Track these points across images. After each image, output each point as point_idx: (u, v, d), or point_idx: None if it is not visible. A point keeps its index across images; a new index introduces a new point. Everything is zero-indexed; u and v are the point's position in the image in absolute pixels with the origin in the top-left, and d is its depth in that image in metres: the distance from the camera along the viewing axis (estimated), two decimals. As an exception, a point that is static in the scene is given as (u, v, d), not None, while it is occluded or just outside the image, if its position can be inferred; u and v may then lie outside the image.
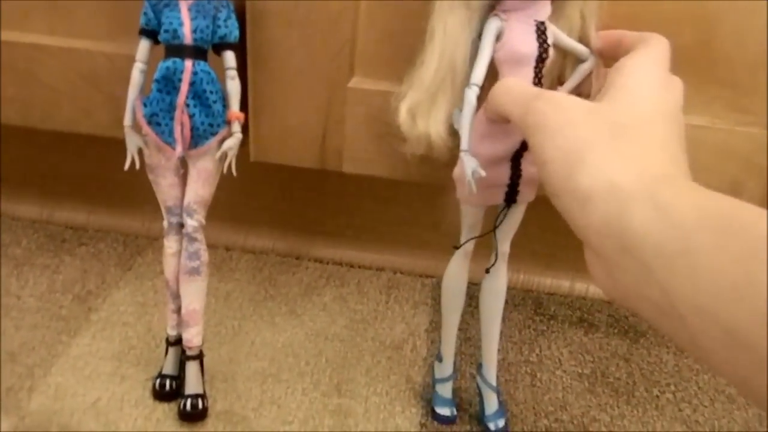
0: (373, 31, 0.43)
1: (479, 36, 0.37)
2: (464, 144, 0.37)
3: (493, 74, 0.38)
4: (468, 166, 0.37)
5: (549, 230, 0.58)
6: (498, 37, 0.36)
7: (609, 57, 0.38)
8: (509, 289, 0.57)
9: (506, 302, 0.57)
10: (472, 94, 0.37)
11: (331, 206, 0.61)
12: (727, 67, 0.42)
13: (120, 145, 0.41)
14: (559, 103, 0.29)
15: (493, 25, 0.36)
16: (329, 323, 0.53)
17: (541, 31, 0.36)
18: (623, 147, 0.27)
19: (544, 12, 0.37)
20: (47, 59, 0.47)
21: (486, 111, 0.36)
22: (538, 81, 0.37)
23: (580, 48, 0.38)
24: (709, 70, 0.42)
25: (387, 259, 0.61)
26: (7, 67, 0.48)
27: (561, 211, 0.28)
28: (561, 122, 0.28)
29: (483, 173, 0.36)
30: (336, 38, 0.43)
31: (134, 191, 0.45)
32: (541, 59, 0.37)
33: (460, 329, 0.46)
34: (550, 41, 0.37)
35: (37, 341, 0.49)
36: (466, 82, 0.37)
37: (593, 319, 0.57)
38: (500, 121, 0.35)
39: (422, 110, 0.39)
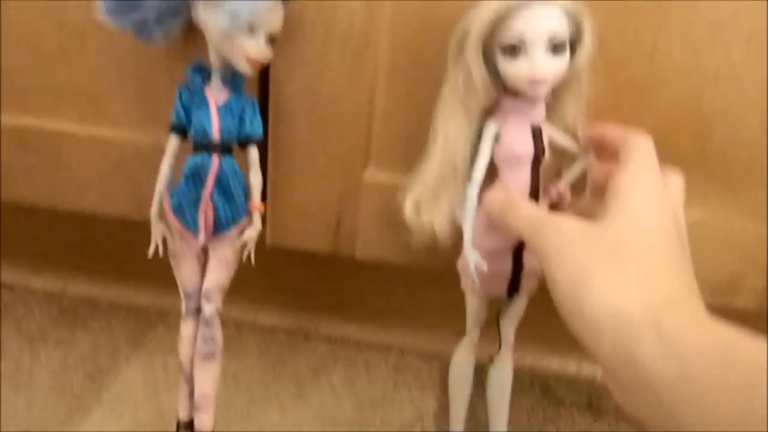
0: (388, 126, 0.45)
1: (479, 136, 0.40)
2: (467, 238, 0.39)
3: (492, 170, 0.40)
4: (471, 259, 0.39)
5: (554, 311, 0.59)
6: (496, 138, 0.39)
7: (595, 150, 0.41)
8: (516, 371, 0.58)
9: (513, 385, 0.58)
10: (472, 191, 0.39)
11: (339, 285, 0.62)
12: (724, 164, 0.44)
13: (135, 223, 0.43)
14: (562, 228, 0.31)
15: (491, 128, 0.39)
16: (337, 406, 0.54)
17: (537, 133, 0.39)
18: (626, 269, 0.28)
19: (539, 114, 0.39)
20: (76, 146, 0.50)
21: (489, 215, 0.38)
22: (535, 180, 0.39)
23: (575, 147, 0.41)
24: (707, 167, 0.45)
25: (395, 339, 0.62)
26: (36, 152, 0.50)
27: (573, 333, 0.29)
28: (564, 246, 0.30)
29: (485, 267, 0.38)
30: (352, 133, 0.45)
31: (145, 265, 0.46)
32: (537, 159, 0.39)
33: (469, 412, 0.46)
34: (545, 142, 0.39)
35: (49, 420, 0.50)
36: (467, 179, 0.40)
37: (601, 404, 0.57)
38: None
39: (426, 205, 0.41)
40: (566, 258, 0.29)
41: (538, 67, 0.35)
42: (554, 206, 0.42)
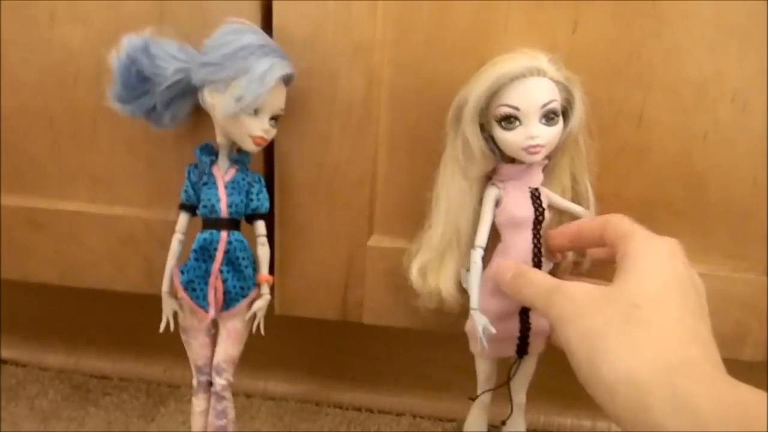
0: (390, 194, 0.47)
1: (480, 201, 0.41)
2: (473, 302, 0.40)
3: (495, 233, 0.41)
4: (479, 323, 0.39)
5: (567, 369, 0.59)
6: (497, 204, 0.40)
7: (574, 250, 0.41)
8: (530, 430, 0.57)
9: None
10: (477, 255, 0.40)
11: (349, 350, 0.62)
12: (720, 217, 0.45)
13: (143, 297, 0.44)
14: (574, 295, 0.31)
15: (491, 194, 0.40)
16: (351, 474, 0.53)
17: (535, 196, 0.40)
18: (637, 331, 0.28)
19: (537, 179, 0.40)
20: (88, 225, 0.51)
21: (498, 285, 0.39)
22: (537, 241, 0.40)
23: (575, 207, 0.42)
24: (703, 221, 0.46)
25: (406, 402, 0.61)
26: (49, 232, 0.52)
27: (593, 397, 0.29)
28: (577, 312, 0.30)
29: (493, 330, 0.39)
30: (356, 201, 0.46)
31: (154, 339, 0.47)
32: (537, 222, 0.40)
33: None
34: (545, 205, 0.40)
35: (61, 501, 0.49)
36: (471, 242, 0.41)
37: (617, 462, 0.56)
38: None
39: (432, 269, 0.42)
40: (580, 324, 0.29)
41: (533, 136, 0.37)
42: (557, 266, 0.43)
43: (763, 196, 0.44)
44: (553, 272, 0.43)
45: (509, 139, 0.38)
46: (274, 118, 0.41)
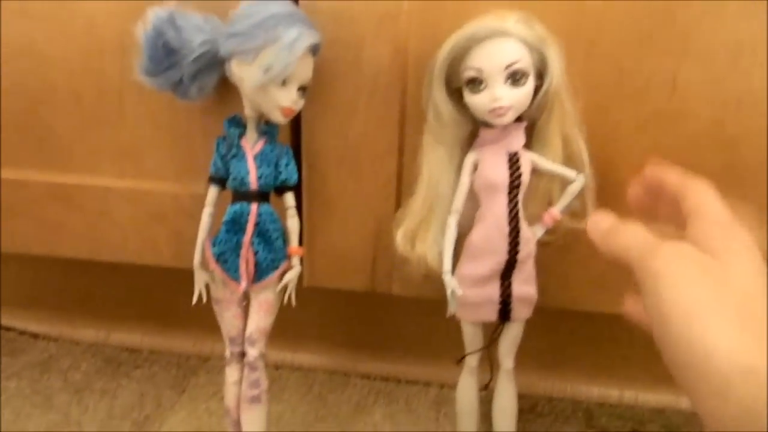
0: (417, 165, 0.46)
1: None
2: (445, 266, 0.41)
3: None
4: (448, 286, 0.40)
5: (592, 339, 0.59)
6: (475, 168, 0.40)
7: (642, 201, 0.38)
8: (557, 401, 0.57)
9: (556, 416, 0.57)
10: (452, 220, 0.41)
11: (377, 321, 0.63)
12: (756, 186, 0.45)
13: (172, 270, 0.44)
14: (683, 254, 0.28)
15: (469, 159, 0.41)
16: (381, 443, 0.54)
17: (513, 160, 0.40)
18: (755, 325, 0.25)
19: (516, 142, 0.40)
20: (117, 200, 0.52)
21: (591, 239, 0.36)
22: (513, 206, 0.40)
23: (565, 171, 0.41)
24: (738, 188, 0.44)
25: (434, 372, 0.62)
26: (80, 207, 0.52)
27: (682, 386, 0.26)
28: (681, 276, 0.27)
29: (460, 292, 0.40)
30: (383, 172, 0.46)
31: (184, 312, 0.47)
32: (513, 186, 0.40)
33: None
34: (523, 169, 0.40)
35: (99, 470, 0.51)
36: None
37: (646, 430, 0.56)
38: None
39: (419, 235, 0.42)
40: (687, 288, 0.26)
41: (497, 98, 0.37)
42: (550, 232, 0.43)
43: (799, 161, 0.43)
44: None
45: (476, 102, 0.38)
46: (302, 89, 0.40)
